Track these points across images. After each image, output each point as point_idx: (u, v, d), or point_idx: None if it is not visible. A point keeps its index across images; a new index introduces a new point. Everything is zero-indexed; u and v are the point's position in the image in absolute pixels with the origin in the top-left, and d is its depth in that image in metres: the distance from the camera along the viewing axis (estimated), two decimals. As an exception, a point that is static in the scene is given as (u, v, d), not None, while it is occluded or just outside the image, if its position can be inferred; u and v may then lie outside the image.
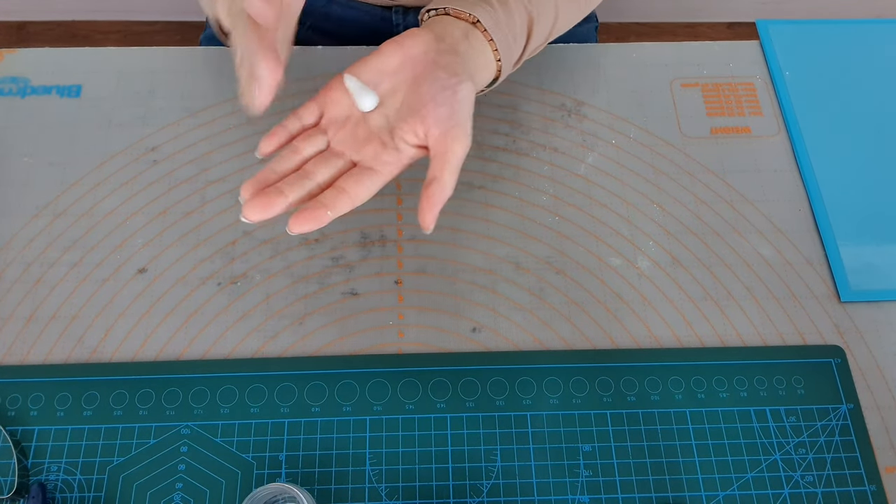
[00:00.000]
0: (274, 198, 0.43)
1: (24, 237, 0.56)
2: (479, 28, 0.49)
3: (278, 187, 0.44)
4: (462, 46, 0.48)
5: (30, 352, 0.52)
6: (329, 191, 0.44)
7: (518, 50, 0.52)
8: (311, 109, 0.47)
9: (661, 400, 0.52)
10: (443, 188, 0.45)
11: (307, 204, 0.43)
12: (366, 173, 0.45)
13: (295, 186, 0.44)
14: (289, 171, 0.45)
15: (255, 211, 0.42)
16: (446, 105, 0.45)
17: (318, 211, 0.43)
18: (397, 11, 0.73)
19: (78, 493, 0.48)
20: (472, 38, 0.48)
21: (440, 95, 0.45)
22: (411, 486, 0.49)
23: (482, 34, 0.49)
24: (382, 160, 0.45)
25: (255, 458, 0.49)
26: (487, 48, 0.49)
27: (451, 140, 0.45)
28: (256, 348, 0.53)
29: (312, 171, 0.45)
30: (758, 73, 0.65)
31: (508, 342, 0.53)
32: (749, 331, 0.54)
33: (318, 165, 0.45)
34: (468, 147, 0.46)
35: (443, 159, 0.45)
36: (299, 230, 0.43)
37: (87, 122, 0.61)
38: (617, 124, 0.62)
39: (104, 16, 1.53)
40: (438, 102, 0.45)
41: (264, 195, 0.43)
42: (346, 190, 0.44)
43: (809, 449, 0.50)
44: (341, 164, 0.46)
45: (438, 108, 0.45)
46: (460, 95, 0.46)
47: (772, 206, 0.59)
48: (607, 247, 0.57)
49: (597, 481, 0.49)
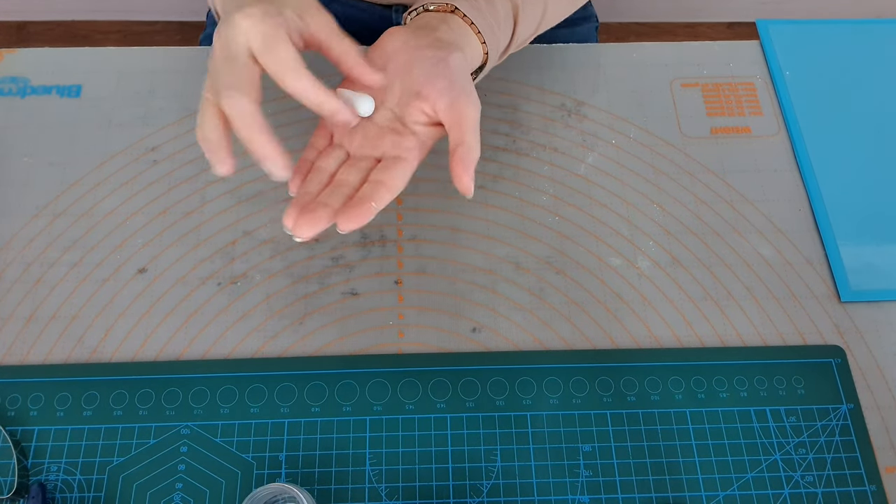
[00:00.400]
0: (318, 210, 0.43)
1: (24, 237, 0.56)
2: (458, 14, 0.50)
3: (319, 200, 0.44)
4: (441, 28, 0.49)
5: (30, 352, 0.52)
6: (366, 185, 0.45)
7: (505, 36, 0.52)
8: (321, 135, 0.48)
9: (661, 400, 0.52)
10: (469, 149, 0.45)
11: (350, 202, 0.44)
12: (395, 162, 0.46)
13: (334, 195, 0.44)
14: (321, 187, 0.46)
15: (305, 228, 0.43)
16: (442, 76, 0.46)
17: (363, 205, 0.43)
18: (397, 10, 0.73)
19: (78, 493, 0.48)
20: (450, 22, 0.49)
21: (434, 70, 0.46)
22: (411, 486, 0.49)
23: (462, 19, 0.49)
24: (404, 147, 0.46)
25: (255, 458, 0.49)
26: (468, 30, 0.50)
27: (461, 105, 0.45)
28: (256, 348, 0.53)
29: (343, 178, 0.46)
30: (758, 73, 0.65)
31: (508, 342, 0.53)
32: (749, 331, 0.54)
33: (347, 172, 0.46)
34: (479, 107, 0.46)
35: (459, 125, 0.45)
36: (349, 227, 0.43)
37: (87, 122, 0.61)
38: (617, 124, 0.62)
39: (104, 16, 1.53)
40: (434, 77, 0.46)
41: (308, 211, 0.43)
42: (382, 181, 0.45)
43: (809, 449, 0.50)
44: (368, 165, 0.46)
45: (436, 81, 0.46)
46: (453, 65, 0.46)
47: (772, 206, 0.59)
48: (607, 247, 0.57)
49: (597, 481, 0.49)
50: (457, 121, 0.45)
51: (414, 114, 0.46)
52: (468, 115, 0.45)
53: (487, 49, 0.51)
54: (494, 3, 0.51)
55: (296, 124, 0.61)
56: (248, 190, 0.58)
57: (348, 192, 0.45)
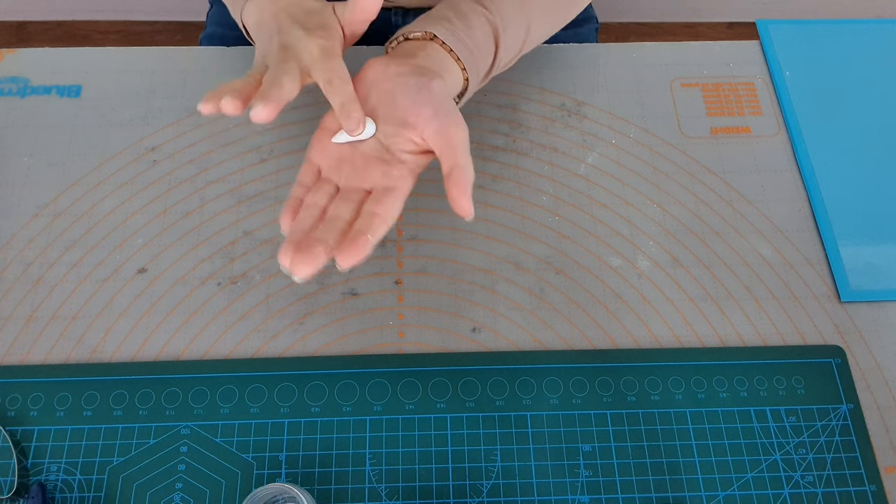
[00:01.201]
0: (315, 247, 0.43)
1: (24, 237, 0.56)
2: (437, 42, 0.50)
3: (314, 237, 0.44)
4: (419, 55, 0.49)
5: (30, 352, 0.52)
6: (360, 219, 0.44)
7: (486, 60, 0.52)
8: (307, 171, 0.48)
9: (661, 400, 0.52)
10: (464, 171, 0.45)
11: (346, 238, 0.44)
12: (385, 193, 0.45)
13: (328, 230, 0.44)
14: (314, 223, 0.45)
15: (303, 267, 0.42)
16: (427, 104, 0.46)
17: (359, 240, 0.43)
18: (396, 13, 0.74)
19: (78, 494, 0.48)
20: (428, 49, 0.49)
21: (418, 97, 0.46)
22: (411, 486, 0.49)
23: (440, 46, 0.50)
24: (394, 176, 0.46)
25: (255, 458, 0.49)
26: (447, 56, 0.50)
27: (450, 130, 0.45)
28: (256, 348, 0.53)
29: (336, 213, 0.45)
30: (758, 73, 0.65)
31: (508, 342, 0.53)
32: (749, 331, 0.54)
33: (339, 206, 0.45)
34: (467, 129, 0.46)
35: (451, 150, 0.45)
36: (349, 264, 0.43)
37: (87, 122, 0.61)
38: (617, 124, 0.62)
39: (104, 16, 1.53)
40: (418, 105, 0.46)
41: (304, 249, 0.43)
42: (376, 213, 0.44)
43: (809, 449, 0.50)
44: (359, 197, 0.46)
45: (421, 108, 0.46)
46: (435, 91, 0.46)
47: (772, 206, 0.59)
48: (607, 247, 0.57)
49: (597, 481, 0.49)
50: (447, 145, 0.45)
51: (401, 142, 0.46)
52: (458, 138, 0.45)
53: (467, 74, 0.51)
54: (473, 28, 0.51)
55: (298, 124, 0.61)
56: (248, 190, 0.58)
57: (342, 226, 0.44)
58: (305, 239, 0.44)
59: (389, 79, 0.47)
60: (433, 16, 0.52)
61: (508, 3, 0.53)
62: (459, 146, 0.45)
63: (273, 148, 0.60)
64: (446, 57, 0.50)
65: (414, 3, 0.72)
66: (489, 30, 0.52)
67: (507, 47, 0.53)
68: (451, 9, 0.52)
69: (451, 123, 0.45)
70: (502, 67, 0.55)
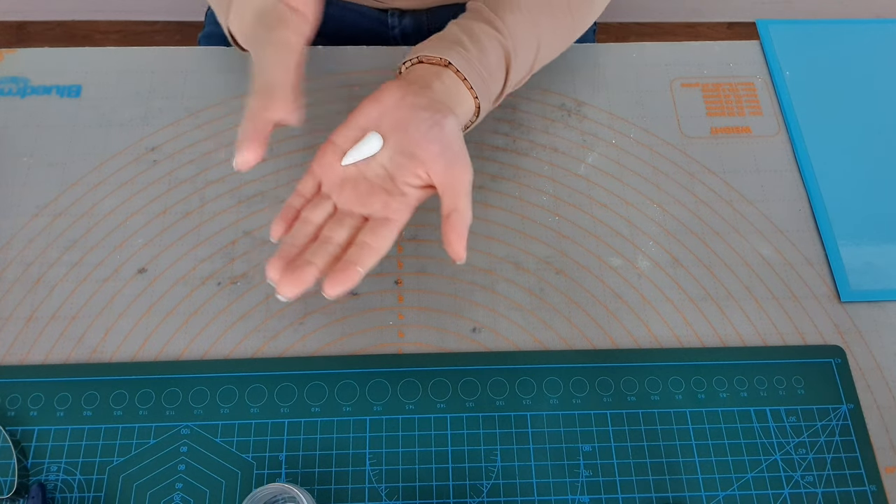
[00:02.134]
0: (304, 269, 0.43)
1: (24, 237, 0.56)
2: (452, 69, 0.50)
3: (305, 258, 0.44)
4: (435, 85, 0.49)
5: (30, 352, 0.52)
6: (353, 248, 0.45)
7: (497, 85, 0.52)
8: (308, 183, 0.48)
9: (661, 400, 0.52)
10: (462, 217, 0.45)
11: (336, 266, 0.44)
12: (382, 224, 0.46)
13: (319, 253, 0.44)
14: (306, 240, 0.45)
15: (289, 288, 0.43)
16: (437, 141, 0.46)
17: (349, 270, 0.44)
18: (393, 14, 0.74)
19: (78, 494, 0.48)
20: (444, 78, 0.49)
21: (430, 133, 0.46)
22: (411, 486, 0.49)
23: (455, 74, 0.50)
24: (393, 208, 0.46)
25: (255, 458, 0.49)
26: (461, 86, 0.50)
27: (457, 172, 0.46)
28: (256, 348, 0.53)
29: (330, 235, 0.45)
30: (758, 73, 0.65)
31: (508, 342, 0.53)
32: (749, 331, 0.54)
33: (334, 229, 0.46)
34: (471, 173, 0.46)
35: (453, 191, 0.45)
36: (335, 293, 0.43)
37: (87, 122, 0.61)
38: (617, 124, 0.62)
39: (104, 16, 1.53)
40: (430, 140, 0.46)
41: (294, 269, 0.43)
42: (368, 244, 0.45)
43: (809, 449, 0.50)
44: (354, 222, 0.46)
45: (431, 145, 0.46)
46: (447, 129, 0.46)
47: (772, 206, 0.59)
48: (607, 247, 0.57)
49: (597, 481, 0.49)
50: (451, 186, 0.45)
51: (406, 174, 0.46)
52: (462, 181, 0.46)
53: (479, 102, 0.51)
54: (487, 53, 0.51)
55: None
56: (248, 190, 0.58)
57: (334, 251, 0.45)
58: (296, 259, 0.44)
59: (404, 108, 0.47)
60: (446, 38, 0.51)
61: (520, 25, 0.53)
62: (462, 189, 0.46)
63: (273, 148, 0.60)
64: (460, 86, 0.50)
65: (410, 6, 0.72)
66: (501, 54, 0.52)
67: (517, 70, 0.54)
68: (465, 32, 0.52)
69: (459, 165, 0.46)
70: (512, 88, 0.55)
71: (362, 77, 0.63)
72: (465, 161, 0.46)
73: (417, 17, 0.73)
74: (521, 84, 0.56)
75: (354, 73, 0.64)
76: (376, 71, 0.64)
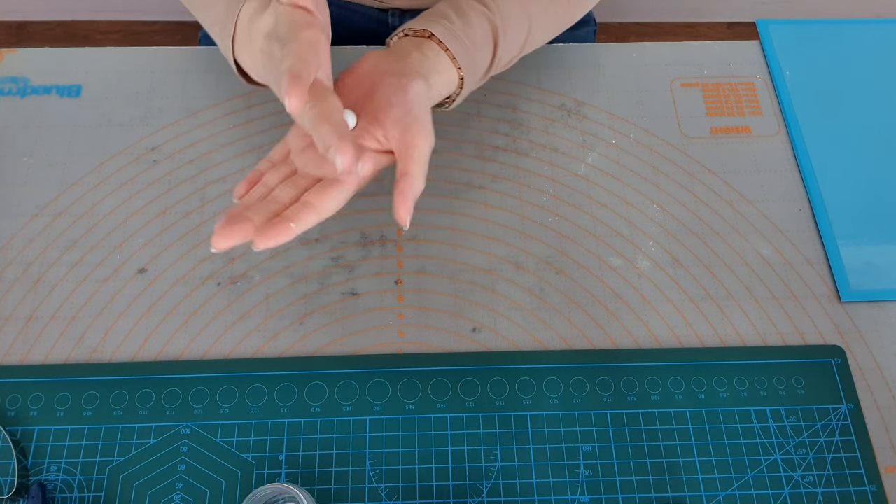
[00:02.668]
0: (240, 224, 0.43)
1: (24, 237, 0.56)
2: (435, 40, 0.50)
3: (244, 214, 0.44)
4: (413, 54, 0.49)
5: (30, 352, 0.52)
6: (294, 206, 0.44)
7: (484, 59, 0.52)
8: (279, 150, 0.48)
9: (661, 400, 0.52)
10: (412, 182, 0.45)
11: (271, 221, 0.44)
12: (330, 184, 0.45)
13: (259, 210, 0.44)
14: (258, 201, 0.45)
15: (221, 240, 0.42)
16: (399, 105, 0.46)
17: (281, 225, 0.43)
18: (393, 14, 0.74)
19: (78, 494, 0.48)
20: (424, 48, 0.49)
21: (392, 97, 0.46)
22: (411, 486, 0.49)
23: (437, 44, 0.50)
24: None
25: (255, 458, 0.49)
26: (443, 55, 0.50)
27: (412, 136, 0.45)
28: (256, 348, 0.53)
29: (277, 194, 0.45)
30: (758, 73, 0.65)
31: (508, 342, 0.53)
32: (749, 331, 0.54)
33: (283, 188, 0.46)
34: (432, 142, 0.46)
35: (407, 155, 0.45)
36: (263, 246, 0.43)
37: (87, 122, 0.61)
38: (617, 124, 0.62)
39: (104, 16, 1.53)
40: (391, 104, 0.46)
41: (229, 223, 0.43)
42: (310, 203, 0.44)
43: (809, 449, 0.50)
44: (305, 183, 0.46)
45: (392, 109, 0.46)
46: (411, 94, 0.46)
47: (772, 206, 0.59)
48: (607, 247, 0.57)
49: (597, 481, 0.49)
50: (406, 150, 0.45)
51: (367, 138, 0.46)
52: (418, 146, 0.45)
53: (463, 73, 0.51)
54: (472, 27, 0.51)
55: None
56: (248, 190, 0.58)
57: (276, 208, 0.44)
58: (236, 214, 0.44)
59: (375, 75, 0.47)
60: (434, 13, 0.52)
61: (511, 2, 0.53)
62: (416, 155, 0.45)
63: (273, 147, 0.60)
64: (442, 56, 0.50)
65: (410, 5, 0.72)
66: (489, 28, 0.52)
67: (507, 47, 0.53)
68: (452, 7, 0.52)
69: (417, 131, 0.45)
70: (503, 67, 0.55)
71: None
72: (423, 126, 0.46)
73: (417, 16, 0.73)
74: (513, 62, 0.56)
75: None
76: (376, 71, 0.64)
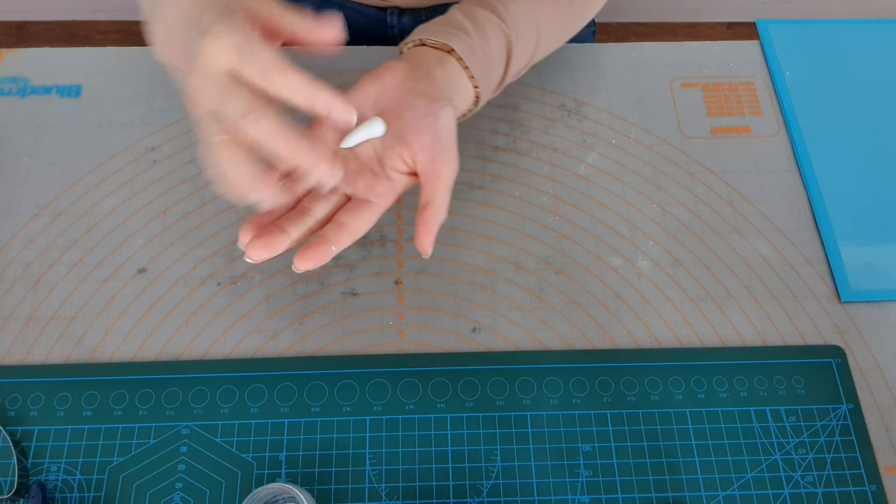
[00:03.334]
0: (276, 236, 0.42)
1: (24, 237, 0.56)
2: (455, 56, 0.49)
3: (279, 225, 0.43)
4: (437, 72, 0.48)
5: (30, 352, 0.52)
6: (330, 226, 0.44)
7: (497, 75, 0.52)
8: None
9: (661, 400, 0.52)
10: (436, 211, 0.45)
11: (309, 241, 0.43)
12: (363, 206, 0.45)
13: (295, 223, 0.44)
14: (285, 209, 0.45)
15: (258, 251, 0.42)
16: (429, 131, 0.45)
17: (322, 247, 0.43)
18: (392, 13, 0.74)
19: (78, 493, 0.48)
20: (447, 65, 0.49)
21: (423, 122, 0.45)
22: (411, 486, 0.49)
23: (457, 61, 0.49)
24: (377, 191, 0.46)
25: (255, 458, 0.49)
26: (463, 74, 0.50)
27: (439, 165, 0.45)
28: (256, 348, 0.53)
29: (310, 207, 0.45)
30: (758, 73, 0.65)
31: (508, 342, 0.53)
32: (749, 331, 0.54)
33: (315, 202, 0.45)
34: (456, 170, 0.46)
35: (433, 184, 0.45)
36: (305, 268, 0.43)
37: (87, 122, 0.61)
38: (617, 124, 0.62)
39: (104, 16, 1.53)
40: (422, 129, 0.45)
41: (267, 234, 0.42)
42: (346, 224, 0.44)
43: (809, 449, 0.50)
44: (336, 199, 0.46)
45: (422, 134, 0.45)
46: (441, 121, 0.46)
47: (772, 206, 0.59)
48: (607, 247, 0.57)
49: (597, 481, 0.49)
50: (432, 179, 0.45)
51: (394, 159, 0.46)
52: (444, 176, 0.45)
53: (479, 92, 0.51)
54: (489, 40, 0.51)
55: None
56: (248, 190, 0.58)
57: (311, 224, 0.44)
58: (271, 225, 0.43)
59: (403, 92, 0.47)
60: (450, 23, 0.51)
61: (522, 14, 0.53)
62: (442, 184, 0.45)
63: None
64: (462, 74, 0.50)
65: (409, 4, 0.72)
66: (503, 42, 0.52)
67: (517, 59, 0.53)
68: (468, 17, 0.51)
69: (445, 159, 0.45)
70: (511, 78, 0.55)
71: (360, 77, 0.63)
72: (451, 156, 0.46)
73: (416, 15, 0.73)
74: (519, 75, 0.56)
75: (354, 73, 0.64)
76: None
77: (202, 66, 0.39)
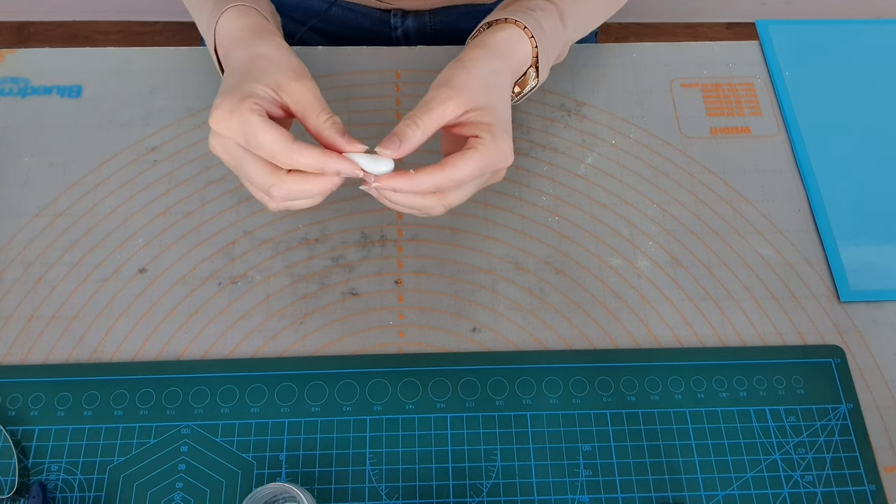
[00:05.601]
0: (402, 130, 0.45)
1: (25, 237, 0.56)
2: (534, 55, 0.53)
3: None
4: (524, 69, 0.53)
5: (30, 352, 0.53)
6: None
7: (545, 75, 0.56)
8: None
9: (660, 400, 0.52)
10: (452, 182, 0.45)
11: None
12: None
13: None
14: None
15: (392, 141, 0.44)
16: (503, 136, 0.47)
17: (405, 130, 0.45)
18: (396, 14, 0.74)
19: (78, 493, 0.48)
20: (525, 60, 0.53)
21: (507, 122, 0.48)
22: (411, 485, 0.49)
23: (534, 61, 0.53)
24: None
25: (255, 458, 0.49)
26: (532, 72, 0.54)
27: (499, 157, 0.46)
28: (256, 348, 0.53)
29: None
30: (758, 73, 0.65)
31: (508, 342, 0.54)
32: (749, 331, 0.54)
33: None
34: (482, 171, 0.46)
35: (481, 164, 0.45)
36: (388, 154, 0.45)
37: (88, 122, 0.61)
38: (617, 124, 0.62)
39: (104, 16, 1.53)
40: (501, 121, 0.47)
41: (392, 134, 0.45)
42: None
43: (809, 449, 0.50)
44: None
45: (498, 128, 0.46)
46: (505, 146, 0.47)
47: (772, 206, 0.59)
48: (607, 247, 0.57)
49: (597, 481, 0.49)
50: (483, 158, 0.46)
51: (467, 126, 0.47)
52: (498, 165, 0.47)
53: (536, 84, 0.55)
54: (553, 45, 0.54)
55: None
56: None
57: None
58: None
59: (496, 90, 0.49)
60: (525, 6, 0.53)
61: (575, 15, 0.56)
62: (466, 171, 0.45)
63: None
64: (531, 72, 0.54)
65: (413, 6, 0.72)
66: (560, 43, 0.56)
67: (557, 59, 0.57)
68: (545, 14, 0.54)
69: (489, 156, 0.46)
70: (568, 38, 0.58)
71: (362, 77, 0.64)
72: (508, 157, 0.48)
73: (420, 17, 0.73)
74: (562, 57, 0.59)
75: (354, 73, 0.64)
76: (376, 71, 0.64)
77: (217, 144, 0.45)
